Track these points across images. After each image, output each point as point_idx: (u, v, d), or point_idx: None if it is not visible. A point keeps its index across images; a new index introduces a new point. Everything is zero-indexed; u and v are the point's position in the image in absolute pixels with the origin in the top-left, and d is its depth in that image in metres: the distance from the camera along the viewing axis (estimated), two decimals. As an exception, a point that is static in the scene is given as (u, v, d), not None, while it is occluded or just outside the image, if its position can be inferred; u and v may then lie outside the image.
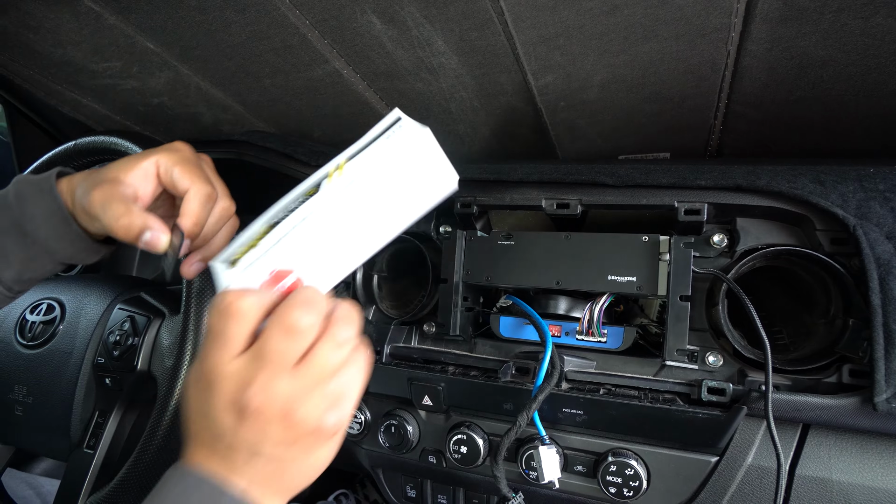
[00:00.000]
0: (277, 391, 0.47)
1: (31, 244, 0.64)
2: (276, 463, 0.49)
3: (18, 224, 0.64)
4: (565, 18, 0.66)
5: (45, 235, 0.64)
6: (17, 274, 0.66)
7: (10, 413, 0.94)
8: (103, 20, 0.78)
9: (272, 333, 0.48)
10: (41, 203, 0.63)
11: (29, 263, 0.66)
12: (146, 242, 0.59)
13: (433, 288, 0.91)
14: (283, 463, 0.49)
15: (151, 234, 0.59)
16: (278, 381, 0.47)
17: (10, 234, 0.64)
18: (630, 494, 0.74)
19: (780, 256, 0.73)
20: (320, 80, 0.86)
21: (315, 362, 0.49)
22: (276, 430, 0.48)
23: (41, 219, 0.63)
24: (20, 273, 0.66)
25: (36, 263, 0.66)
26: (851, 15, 0.61)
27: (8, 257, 0.64)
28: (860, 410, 0.64)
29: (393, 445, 0.88)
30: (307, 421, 0.48)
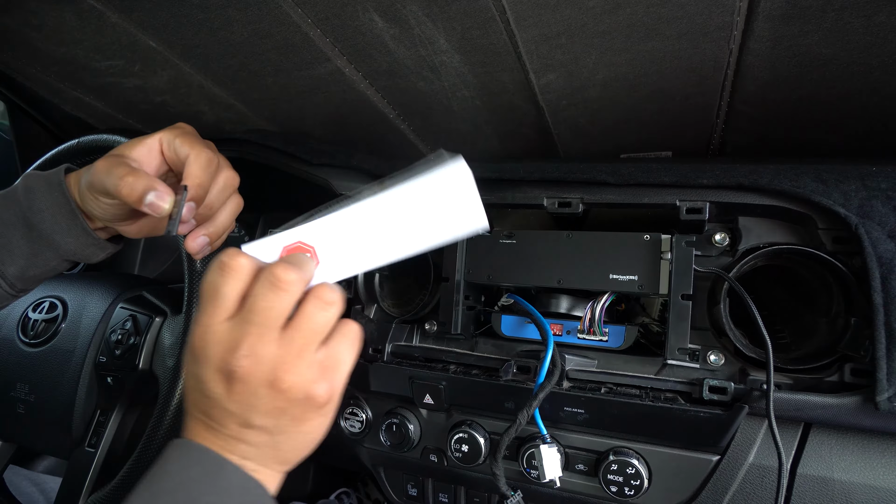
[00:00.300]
0: (264, 355, 0.48)
1: (36, 238, 0.64)
2: (267, 435, 0.50)
3: (25, 218, 0.64)
4: (567, 17, 0.66)
5: (51, 229, 0.64)
6: (21, 270, 0.66)
7: (13, 411, 0.94)
8: (105, 18, 0.78)
9: (257, 289, 0.49)
10: (49, 197, 0.64)
11: (33, 259, 0.66)
12: (150, 204, 0.58)
13: (434, 286, 0.91)
14: (274, 435, 0.50)
15: (155, 195, 0.58)
16: (265, 345, 0.48)
17: (17, 227, 0.64)
18: (631, 493, 0.74)
19: (781, 255, 0.73)
20: (322, 78, 0.86)
21: (302, 324, 0.49)
22: (265, 397, 0.48)
23: (48, 213, 0.64)
24: (24, 269, 0.66)
25: (40, 259, 0.66)
26: (854, 13, 0.61)
27: (13, 251, 0.65)
28: (862, 409, 0.64)
29: (394, 444, 0.88)
30: (295, 388, 0.49)
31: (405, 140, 1.01)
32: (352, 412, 0.92)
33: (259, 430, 0.49)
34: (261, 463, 0.50)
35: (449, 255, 0.87)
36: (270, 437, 0.50)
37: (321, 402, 0.50)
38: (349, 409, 0.92)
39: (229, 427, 0.50)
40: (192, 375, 0.51)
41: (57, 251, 0.66)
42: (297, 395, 0.49)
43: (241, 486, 0.48)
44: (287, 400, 0.49)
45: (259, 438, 0.50)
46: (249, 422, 0.49)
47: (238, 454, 0.50)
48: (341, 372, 0.52)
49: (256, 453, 0.50)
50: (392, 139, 1.02)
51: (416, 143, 1.02)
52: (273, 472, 0.52)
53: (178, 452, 0.50)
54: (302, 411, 0.50)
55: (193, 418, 0.51)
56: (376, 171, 0.91)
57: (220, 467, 0.48)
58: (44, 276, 0.69)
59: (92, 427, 0.89)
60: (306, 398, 0.49)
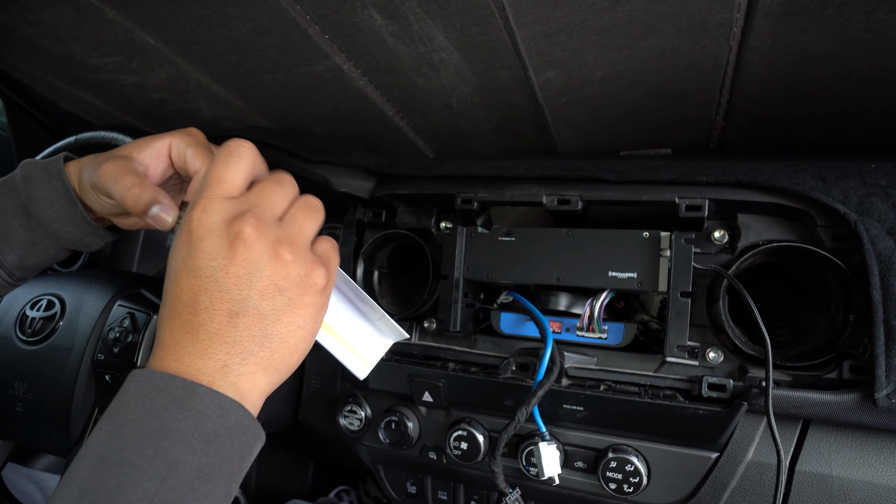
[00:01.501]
0: (269, 227, 0.50)
1: (34, 227, 0.64)
2: (259, 324, 0.48)
3: (24, 206, 0.64)
4: (566, 14, 0.66)
5: (50, 218, 0.64)
6: (20, 259, 0.65)
7: (11, 409, 0.94)
8: (103, 15, 0.77)
9: (265, 183, 0.53)
10: (48, 185, 0.63)
11: (32, 248, 0.65)
12: (154, 216, 0.58)
13: (434, 284, 0.91)
14: (266, 324, 0.48)
15: (160, 209, 0.58)
16: (269, 221, 0.50)
17: (16, 216, 0.64)
18: (630, 490, 0.74)
19: (781, 252, 0.73)
20: (321, 75, 0.85)
21: (294, 219, 0.53)
22: (267, 268, 0.48)
23: (47, 201, 0.63)
24: (22, 258, 0.65)
25: (38, 248, 0.65)
26: (854, 10, 0.61)
27: (11, 240, 0.64)
28: (860, 406, 0.64)
29: (393, 442, 0.88)
30: (296, 263, 0.50)
31: (404, 137, 1.01)
32: (351, 410, 0.92)
33: (253, 315, 0.47)
34: (245, 368, 0.47)
35: (448, 252, 0.87)
36: (262, 328, 0.48)
37: (319, 284, 0.51)
38: (348, 406, 0.92)
39: (217, 316, 0.47)
40: (176, 269, 0.49)
41: (56, 239, 0.65)
42: (297, 271, 0.50)
43: (217, 407, 0.45)
44: (287, 276, 0.49)
45: (249, 330, 0.47)
46: (244, 302, 0.47)
47: (219, 359, 0.46)
48: (333, 268, 0.55)
49: (242, 353, 0.47)
50: (391, 136, 1.02)
51: (415, 140, 1.02)
52: (257, 387, 0.48)
53: (138, 383, 0.46)
54: (300, 293, 0.50)
55: (166, 334, 0.48)
56: (375, 168, 0.91)
57: (189, 391, 0.45)
58: (43, 264, 0.68)
59: (90, 425, 0.89)
60: (306, 275, 0.50)
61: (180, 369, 0.46)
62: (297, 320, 0.50)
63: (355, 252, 0.96)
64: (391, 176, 0.91)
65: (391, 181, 0.91)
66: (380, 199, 0.92)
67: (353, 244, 0.96)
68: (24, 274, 0.68)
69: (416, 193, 0.88)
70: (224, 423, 0.45)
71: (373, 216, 0.95)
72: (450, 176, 0.85)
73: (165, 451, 0.43)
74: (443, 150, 1.06)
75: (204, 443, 0.44)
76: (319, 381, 1.00)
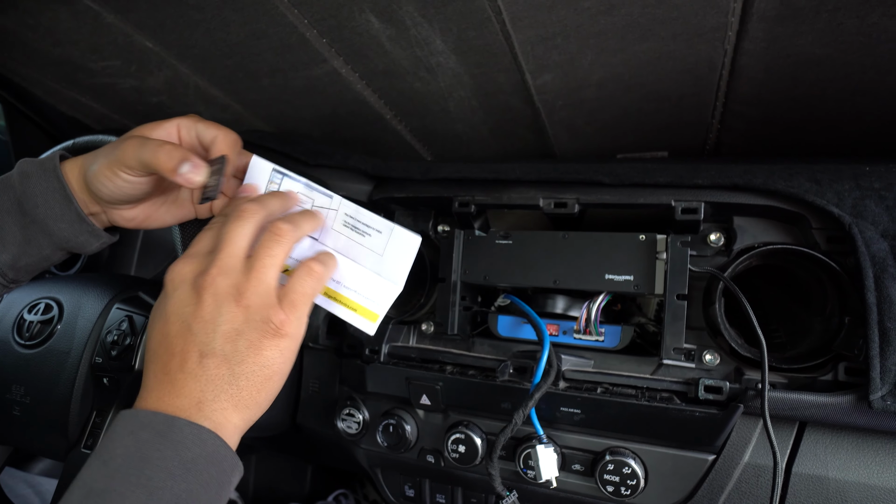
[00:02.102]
0: (231, 272, 0.54)
1: (29, 223, 0.64)
2: (226, 365, 0.52)
3: (19, 202, 0.64)
4: (563, 18, 0.67)
5: (45, 214, 0.64)
6: (14, 258, 0.66)
7: (8, 413, 0.94)
8: (101, 19, 0.78)
9: (229, 227, 0.56)
10: (44, 182, 0.64)
11: (25, 246, 0.65)
12: (184, 174, 0.60)
13: (431, 287, 0.91)
14: (232, 364, 0.52)
15: (191, 167, 0.61)
16: (233, 266, 0.54)
17: (10, 213, 0.64)
18: (627, 493, 0.74)
19: (776, 255, 0.73)
20: (319, 79, 0.86)
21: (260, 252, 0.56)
22: (227, 314, 0.52)
23: (41, 196, 0.64)
24: (17, 257, 0.66)
25: (32, 246, 0.66)
26: (847, 14, 0.61)
27: (5, 238, 0.65)
28: (856, 408, 0.65)
29: (391, 445, 0.88)
30: (254, 308, 0.53)
31: (402, 140, 1.02)
32: (349, 413, 0.92)
33: (219, 357, 0.52)
34: (217, 405, 0.51)
35: (445, 255, 0.87)
36: (228, 368, 0.52)
37: (277, 329, 0.54)
38: (346, 409, 0.92)
39: (190, 357, 0.51)
40: (156, 319, 0.55)
41: (50, 237, 0.65)
42: (255, 316, 0.53)
43: (195, 437, 0.49)
44: (246, 320, 0.53)
45: (217, 370, 0.52)
46: (210, 345, 0.52)
47: (194, 397, 0.51)
48: (300, 310, 0.57)
49: (214, 391, 0.51)
50: (389, 140, 1.02)
51: (413, 143, 1.03)
52: (230, 422, 0.52)
53: (125, 421, 0.50)
54: (259, 336, 0.53)
55: (149, 377, 0.53)
56: (373, 171, 0.91)
57: (169, 425, 0.49)
58: (37, 265, 0.68)
59: (88, 428, 0.89)
60: (263, 321, 0.53)
61: (161, 407, 0.51)
62: (260, 361, 0.54)
63: (353, 255, 0.96)
64: (389, 179, 0.91)
65: (389, 184, 0.91)
66: (377, 202, 0.92)
67: (350, 247, 0.96)
68: (17, 275, 0.68)
69: (414, 197, 0.88)
70: (202, 451, 0.49)
71: (370, 219, 0.95)
72: (447, 179, 0.86)
73: (147, 479, 0.46)
74: (440, 153, 1.07)
75: (183, 469, 0.47)
76: (317, 384, 1.00)
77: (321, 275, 0.59)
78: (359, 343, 0.92)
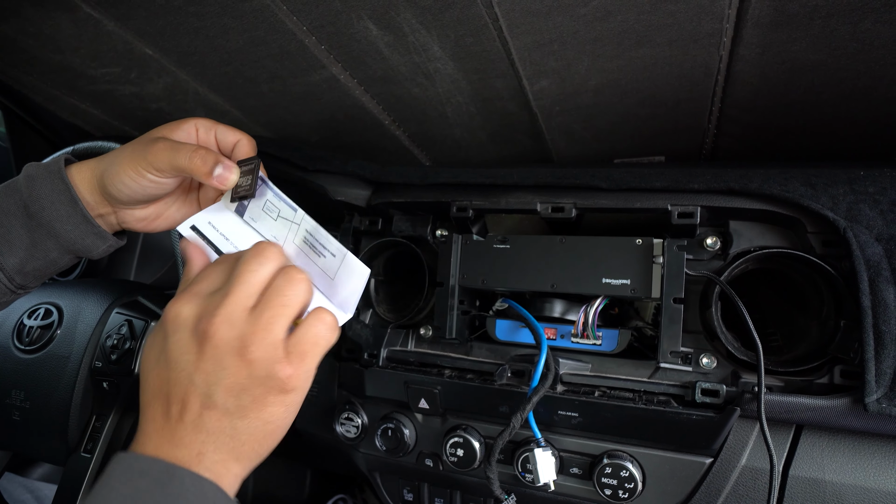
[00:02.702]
0: (237, 322, 0.50)
1: (35, 226, 0.65)
2: (227, 418, 0.49)
3: (26, 205, 0.65)
4: (559, 24, 0.67)
5: (51, 216, 0.65)
6: (21, 262, 0.66)
7: (8, 418, 0.94)
8: (102, 26, 0.78)
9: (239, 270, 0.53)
10: (49, 184, 0.65)
11: (33, 250, 0.66)
12: (218, 176, 0.62)
13: (430, 291, 0.91)
14: (234, 418, 0.50)
15: (223, 168, 0.62)
16: (239, 314, 0.50)
17: (17, 216, 0.65)
18: (625, 496, 0.74)
19: (772, 259, 0.74)
20: (317, 85, 0.86)
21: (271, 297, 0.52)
22: (231, 367, 0.49)
23: (47, 199, 0.64)
24: (24, 261, 0.66)
25: (39, 250, 0.66)
26: (840, 20, 0.62)
27: (12, 241, 0.65)
28: (851, 411, 0.65)
29: (390, 449, 0.88)
30: (259, 363, 0.50)
31: (400, 146, 1.02)
32: (347, 417, 0.92)
33: (220, 410, 0.49)
34: (218, 456, 0.49)
35: (444, 260, 0.88)
36: (230, 422, 0.49)
37: (283, 385, 0.51)
38: (345, 414, 0.92)
39: (190, 408, 0.49)
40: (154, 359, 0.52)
41: (56, 240, 0.66)
42: (259, 372, 0.50)
43: (197, 490, 0.46)
44: (250, 375, 0.50)
45: (219, 423, 0.49)
46: (212, 397, 0.49)
47: (195, 448, 0.48)
48: (309, 363, 0.53)
49: (215, 443, 0.49)
50: (387, 145, 1.03)
51: (411, 148, 1.03)
52: (230, 472, 0.50)
53: (123, 466, 0.47)
54: (263, 392, 0.50)
55: (147, 421, 0.50)
56: (371, 176, 0.92)
57: (170, 474, 0.46)
58: (44, 270, 0.69)
59: (88, 432, 0.89)
60: (268, 377, 0.50)
61: (161, 455, 0.48)
62: (263, 416, 0.51)
63: (352, 260, 0.97)
64: (387, 184, 0.92)
65: (387, 190, 0.91)
66: (376, 207, 0.92)
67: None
68: (24, 280, 0.68)
69: (412, 202, 0.89)
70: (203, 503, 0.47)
71: (369, 224, 0.96)
72: (445, 184, 0.86)
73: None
74: (438, 158, 1.07)
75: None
76: (316, 388, 1.00)
77: (333, 324, 0.55)
78: (357, 347, 0.92)
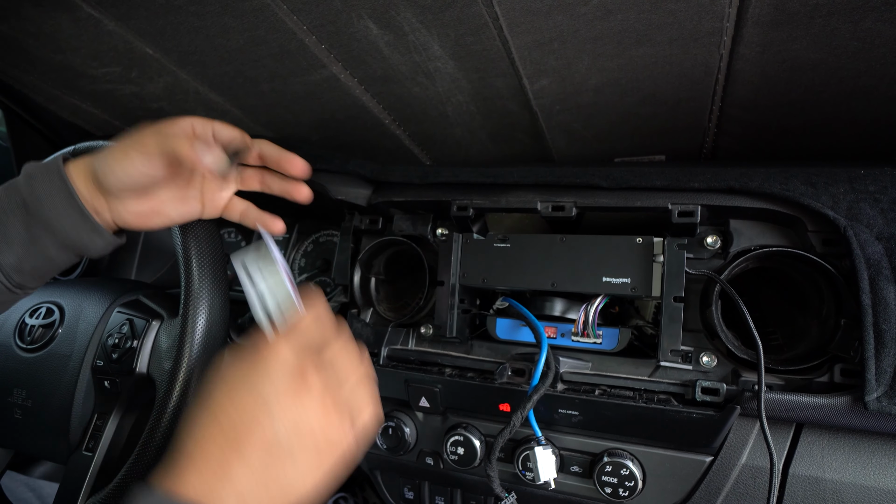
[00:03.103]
0: (332, 391, 0.54)
1: (34, 223, 0.65)
2: (285, 467, 0.49)
3: (25, 203, 0.65)
4: (559, 23, 0.67)
5: (49, 213, 0.65)
6: (19, 259, 0.66)
7: (10, 416, 0.94)
8: (102, 26, 0.78)
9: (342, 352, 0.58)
10: (47, 181, 0.66)
11: (31, 246, 0.66)
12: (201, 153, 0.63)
13: (430, 290, 0.91)
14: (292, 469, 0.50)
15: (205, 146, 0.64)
16: (334, 388, 0.54)
17: (15, 213, 0.65)
18: (626, 494, 0.74)
19: (772, 257, 0.74)
20: (318, 84, 0.86)
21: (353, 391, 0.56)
22: (314, 420, 0.51)
23: (46, 196, 0.65)
24: (21, 258, 0.66)
25: (38, 246, 0.66)
26: (841, 19, 0.62)
27: (10, 238, 0.65)
28: (852, 409, 0.65)
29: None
30: (336, 428, 0.53)
31: (400, 145, 1.02)
32: (348, 416, 0.92)
33: (285, 457, 0.49)
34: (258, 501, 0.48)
35: (444, 259, 0.88)
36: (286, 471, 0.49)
37: (346, 450, 0.54)
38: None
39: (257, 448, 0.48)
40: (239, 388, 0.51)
41: (55, 235, 0.66)
42: (334, 435, 0.53)
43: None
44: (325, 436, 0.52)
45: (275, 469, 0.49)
46: (283, 444, 0.49)
47: (240, 491, 0.47)
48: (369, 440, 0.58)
49: (259, 491, 0.48)
50: (387, 144, 1.03)
51: (412, 147, 1.03)
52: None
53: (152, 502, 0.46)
54: (330, 451, 0.53)
55: (197, 444, 0.49)
56: (372, 175, 0.92)
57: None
58: (42, 269, 0.68)
59: (90, 431, 0.89)
60: (339, 441, 0.53)
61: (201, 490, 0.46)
62: (315, 471, 0.52)
63: (352, 259, 0.97)
64: (388, 183, 0.92)
65: (388, 189, 0.91)
66: (376, 206, 0.92)
67: (350, 251, 0.97)
68: (22, 279, 0.68)
69: (413, 201, 0.89)
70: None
71: (370, 223, 0.96)
72: (446, 183, 0.86)
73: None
74: (439, 157, 1.07)
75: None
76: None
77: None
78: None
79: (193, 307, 0.75)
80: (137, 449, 0.74)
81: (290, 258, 1.18)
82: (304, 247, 1.16)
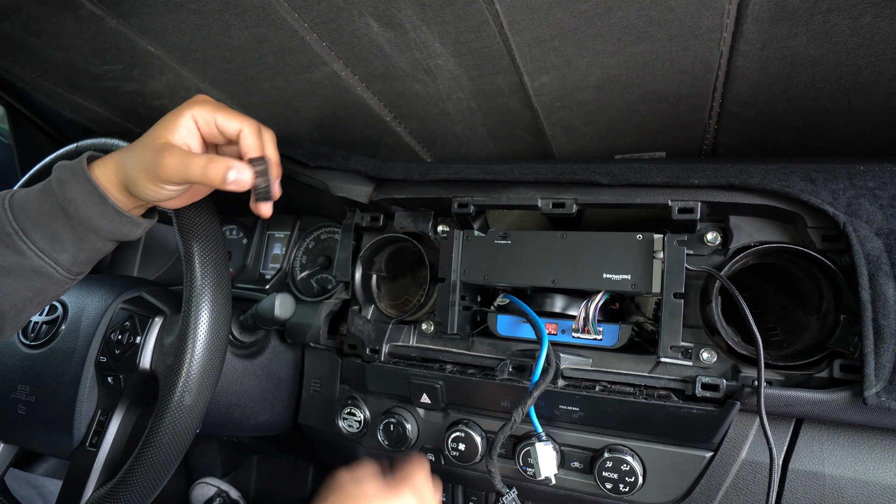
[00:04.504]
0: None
1: (76, 225, 0.68)
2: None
3: (63, 208, 0.67)
4: (560, 20, 0.67)
5: (87, 215, 0.67)
6: (72, 256, 0.69)
7: (13, 412, 0.95)
8: (104, 23, 0.79)
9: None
10: (77, 186, 0.67)
11: (80, 244, 0.69)
12: (233, 181, 0.63)
13: (431, 287, 0.92)
14: None
15: (237, 172, 0.63)
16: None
17: (58, 218, 0.67)
18: (626, 490, 0.74)
19: (772, 253, 0.74)
20: (319, 81, 0.86)
21: None
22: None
23: (80, 200, 0.67)
24: (75, 255, 0.69)
25: (86, 243, 0.69)
26: (841, 15, 0.62)
27: (61, 241, 0.68)
28: (851, 404, 0.65)
29: (392, 443, 0.89)
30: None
31: (401, 142, 1.02)
32: (349, 412, 0.92)
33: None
34: None
35: (445, 255, 0.88)
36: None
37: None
38: (347, 408, 0.93)
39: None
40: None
41: (98, 233, 0.69)
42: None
43: None
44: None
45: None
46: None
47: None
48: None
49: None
50: (388, 141, 1.03)
51: (413, 145, 1.03)
52: None
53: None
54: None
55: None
56: (373, 173, 0.92)
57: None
58: (95, 257, 0.72)
59: (93, 427, 0.90)
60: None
61: None
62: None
63: (353, 256, 0.97)
64: (389, 181, 0.92)
65: (389, 186, 0.92)
66: (378, 203, 0.93)
67: (351, 248, 0.97)
68: (80, 269, 0.72)
69: (414, 198, 0.89)
70: None
71: (371, 220, 0.96)
72: (446, 180, 0.87)
73: None
74: (440, 154, 1.07)
75: None
76: (318, 384, 1.00)
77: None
78: (359, 343, 0.92)
79: (196, 303, 0.76)
80: (141, 444, 0.75)
81: (291, 255, 1.18)
82: (305, 244, 1.17)
